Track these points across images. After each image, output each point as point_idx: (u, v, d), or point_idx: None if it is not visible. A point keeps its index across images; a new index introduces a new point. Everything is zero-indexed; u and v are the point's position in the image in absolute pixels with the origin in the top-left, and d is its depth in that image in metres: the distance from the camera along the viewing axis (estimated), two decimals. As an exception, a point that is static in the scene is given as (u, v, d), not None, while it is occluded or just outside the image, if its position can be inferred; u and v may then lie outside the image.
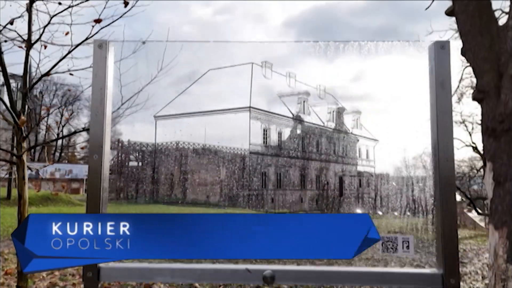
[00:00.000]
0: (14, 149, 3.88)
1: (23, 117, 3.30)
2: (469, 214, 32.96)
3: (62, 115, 55.42)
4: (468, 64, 2.96)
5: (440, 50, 1.25)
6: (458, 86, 20.31)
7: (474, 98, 2.54)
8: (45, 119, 49.35)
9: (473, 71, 2.65)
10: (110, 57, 1.38)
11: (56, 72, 4.05)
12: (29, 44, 3.45)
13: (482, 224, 29.85)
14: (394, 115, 38.63)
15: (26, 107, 3.46)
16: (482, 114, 2.49)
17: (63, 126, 53.41)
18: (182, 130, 33.61)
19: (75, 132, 6.04)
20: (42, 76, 3.60)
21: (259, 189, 32.11)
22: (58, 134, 52.51)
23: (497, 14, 6.67)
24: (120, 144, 36.03)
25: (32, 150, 46.21)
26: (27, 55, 3.48)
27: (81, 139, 65.30)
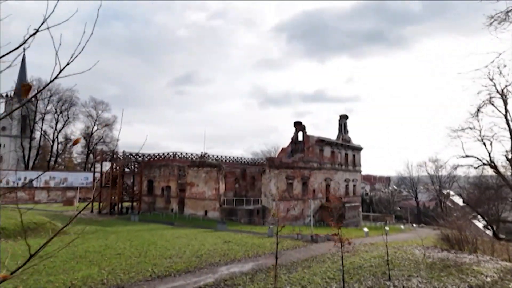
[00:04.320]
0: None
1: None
2: (484, 229, 31.22)
3: (57, 121, 53.89)
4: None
5: None
6: None
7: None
8: (40, 125, 47.59)
9: None
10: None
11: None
12: None
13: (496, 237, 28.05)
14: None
15: None
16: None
17: (58, 132, 51.95)
18: None
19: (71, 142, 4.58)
20: None
21: None
22: (53, 141, 51.06)
23: None
24: (115, 156, 34.33)
25: (27, 158, 44.17)
26: None
27: (78, 146, 63.03)
